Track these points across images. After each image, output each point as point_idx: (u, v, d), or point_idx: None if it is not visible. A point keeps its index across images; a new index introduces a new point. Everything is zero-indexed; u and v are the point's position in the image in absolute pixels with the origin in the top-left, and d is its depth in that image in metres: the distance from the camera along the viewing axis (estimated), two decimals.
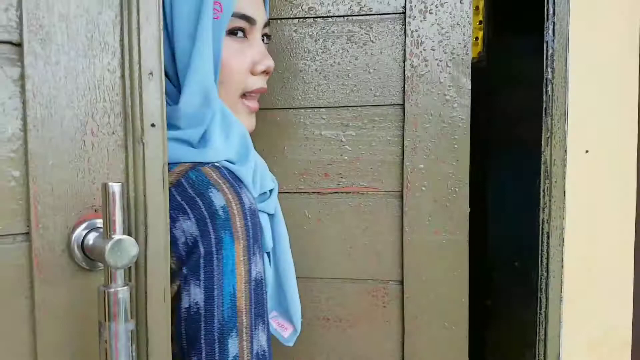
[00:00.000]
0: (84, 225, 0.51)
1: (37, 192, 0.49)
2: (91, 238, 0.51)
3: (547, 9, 0.91)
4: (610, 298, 1.05)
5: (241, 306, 0.61)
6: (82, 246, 0.51)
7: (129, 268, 0.53)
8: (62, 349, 0.51)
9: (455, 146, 0.98)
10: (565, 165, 0.94)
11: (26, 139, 0.49)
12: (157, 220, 0.54)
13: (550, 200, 0.92)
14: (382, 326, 1.01)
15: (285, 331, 0.84)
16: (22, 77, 0.48)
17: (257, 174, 0.72)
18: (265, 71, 0.78)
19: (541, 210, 0.93)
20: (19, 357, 0.50)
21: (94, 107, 0.52)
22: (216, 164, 0.67)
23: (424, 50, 0.98)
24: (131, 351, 0.47)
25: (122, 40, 0.53)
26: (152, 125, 0.54)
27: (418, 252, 0.98)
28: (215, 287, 0.60)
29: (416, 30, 0.98)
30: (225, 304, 0.60)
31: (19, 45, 0.48)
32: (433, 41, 0.98)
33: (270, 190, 0.77)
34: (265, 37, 0.81)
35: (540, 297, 0.94)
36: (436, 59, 0.98)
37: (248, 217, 0.63)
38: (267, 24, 0.80)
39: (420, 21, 0.98)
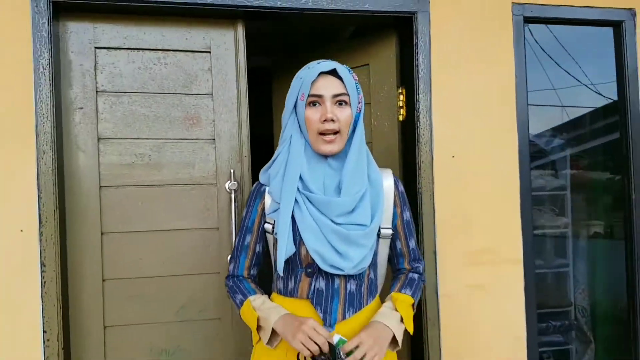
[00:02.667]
0: (229, 181, 2.04)
1: (217, 167, 2.05)
2: (229, 184, 2.03)
3: (416, 97, 2.12)
4: (469, 220, 2.13)
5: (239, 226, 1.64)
6: (229, 186, 2.04)
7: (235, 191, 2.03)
8: (223, 210, 2.05)
9: (391, 159, 2.24)
10: (432, 163, 2.11)
11: (215, 145, 2.05)
12: (243, 177, 2.05)
13: (421, 178, 2.10)
14: None
15: None
16: (214, 131, 2.05)
17: (276, 183, 1.46)
18: (325, 120, 1.39)
19: (417, 184, 2.12)
20: (212, 211, 2.05)
21: (231, 142, 2.06)
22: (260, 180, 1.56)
23: (379, 118, 2.28)
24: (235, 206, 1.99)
25: (239, 121, 2.06)
26: (245, 156, 2.05)
27: None
28: None
29: (375, 112, 2.29)
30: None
31: (213, 121, 2.05)
32: (381, 115, 2.28)
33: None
34: (338, 103, 1.42)
35: (418, 222, 2.11)
36: (384, 121, 2.27)
37: (250, 194, 1.55)
38: (339, 95, 1.41)
39: (374, 109, 2.29)
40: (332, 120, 1.40)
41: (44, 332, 1.84)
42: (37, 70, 1.87)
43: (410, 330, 1.46)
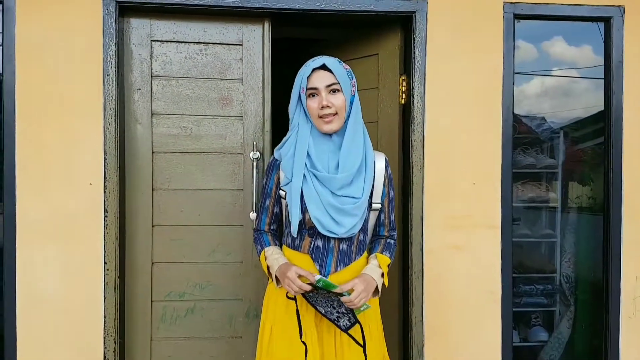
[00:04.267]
0: (253, 151, 2.51)
1: (244, 140, 2.52)
2: (252, 154, 2.49)
3: (412, 85, 2.49)
4: (453, 190, 2.50)
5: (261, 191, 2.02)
6: (252, 155, 2.50)
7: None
8: (247, 175, 2.53)
9: (392, 136, 2.62)
10: (424, 141, 2.48)
11: (243, 121, 2.52)
12: (265, 149, 2.51)
13: (413, 154, 2.48)
14: None
15: None
16: (243, 110, 2.52)
17: (287, 162, 1.82)
18: (322, 107, 1.74)
19: (410, 157, 2.49)
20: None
21: (256, 119, 2.52)
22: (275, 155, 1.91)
23: (384, 101, 2.67)
24: (256, 172, 2.47)
25: (262, 102, 2.52)
26: (266, 131, 2.51)
27: None
28: None
29: (381, 95, 2.68)
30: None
31: (242, 102, 2.52)
32: (386, 98, 2.66)
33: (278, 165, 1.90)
34: (332, 91, 1.75)
35: (409, 190, 2.50)
36: (388, 104, 2.65)
37: (268, 166, 1.92)
38: (331, 85, 1.75)
39: (381, 93, 2.67)
40: (328, 106, 1.75)
41: (105, 263, 2.38)
42: (106, 59, 2.39)
43: (386, 283, 1.86)
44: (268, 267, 1.86)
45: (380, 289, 1.82)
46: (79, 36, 2.38)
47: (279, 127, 3.04)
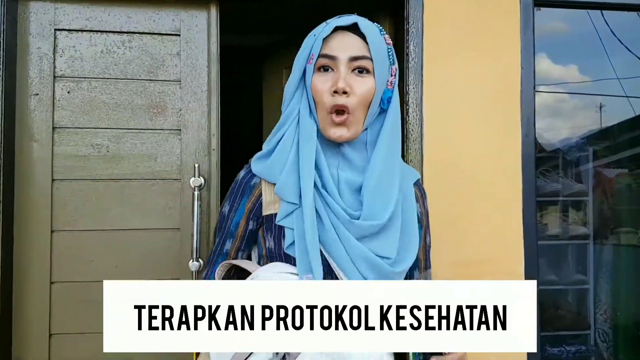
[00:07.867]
0: (194, 177, 1.84)
1: (182, 161, 1.85)
2: (193, 180, 1.83)
3: (405, 89, 1.89)
4: (461, 226, 1.87)
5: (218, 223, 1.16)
6: (193, 182, 1.83)
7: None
8: (186, 209, 1.85)
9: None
10: (422, 162, 1.87)
11: (181, 136, 1.85)
12: (211, 173, 1.84)
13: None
14: None
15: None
16: (181, 121, 1.86)
17: (286, 175, 1.05)
18: (336, 91, 1.00)
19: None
20: None
21: (199, 133, 1.86)
22: (251, 161, 1.12)
23: None
24: (197, 205, 1.79)
25: (208, 110, 1.86)
26: (214, 150, 1.85)
27: None
28: None
29: None
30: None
31: (180, 110, 1.86)
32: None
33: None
34: (358, 70, 1.03)
35: None
36: None
37: (235, 185, 1.12)
38: (359, 59, 1.02)
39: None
40: (345, 91, 1.01)
41: None
42: None
43: None
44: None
45: None
46: None
47: (229, 144, 2.40)
